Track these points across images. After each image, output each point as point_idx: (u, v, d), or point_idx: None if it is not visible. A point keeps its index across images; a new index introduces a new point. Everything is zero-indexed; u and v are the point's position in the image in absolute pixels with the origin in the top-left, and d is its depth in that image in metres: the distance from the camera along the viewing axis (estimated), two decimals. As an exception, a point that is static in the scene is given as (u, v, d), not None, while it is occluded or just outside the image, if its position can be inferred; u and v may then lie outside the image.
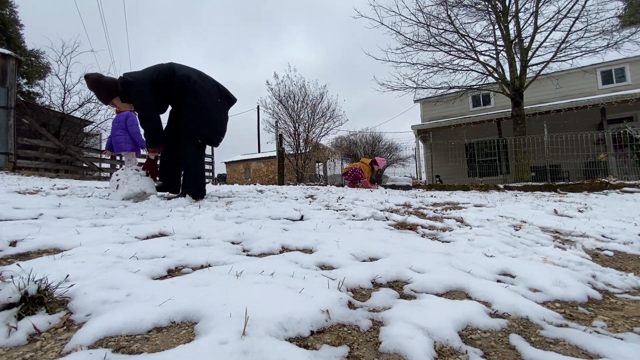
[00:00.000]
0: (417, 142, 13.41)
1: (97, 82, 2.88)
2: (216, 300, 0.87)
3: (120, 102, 2.95)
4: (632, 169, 9.34)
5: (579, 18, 7.88)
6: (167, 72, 2.92)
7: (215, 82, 3.18)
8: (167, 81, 2.91)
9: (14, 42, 13.03)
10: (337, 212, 2.70)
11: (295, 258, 1.37)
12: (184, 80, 2.91)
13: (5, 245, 1.27)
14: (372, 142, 19.10)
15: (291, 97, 14.99)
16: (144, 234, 1.63)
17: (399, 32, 9.07)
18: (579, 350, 0.78)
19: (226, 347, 0.65)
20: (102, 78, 2.92)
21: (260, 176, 20.89)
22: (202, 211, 2.38)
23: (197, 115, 2.93)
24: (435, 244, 1.75)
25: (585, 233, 2.19)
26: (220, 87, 3.19)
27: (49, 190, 3.29)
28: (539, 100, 11.99)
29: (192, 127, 2.93)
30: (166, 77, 2.90)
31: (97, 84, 2.88)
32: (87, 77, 2.93)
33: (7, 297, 0.74)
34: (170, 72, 2.92)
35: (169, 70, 2.94)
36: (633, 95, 9.59)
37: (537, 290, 1.17)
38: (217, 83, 3.19)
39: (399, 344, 0.74)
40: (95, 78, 2.90)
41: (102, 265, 1.10)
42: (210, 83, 3.09)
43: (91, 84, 2.90)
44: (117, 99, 2.93)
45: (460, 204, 3.65)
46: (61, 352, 0.65)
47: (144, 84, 2.82)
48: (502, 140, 10.64)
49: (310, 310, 0.85)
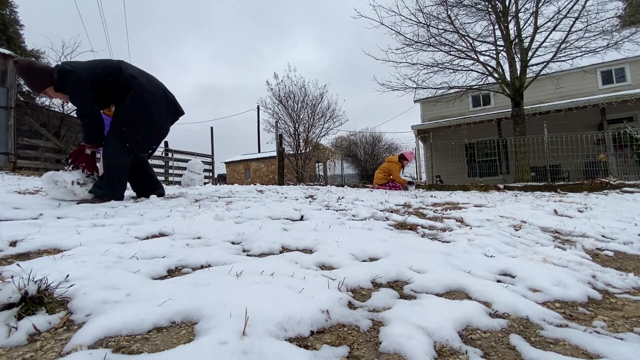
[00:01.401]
0: (417, 142, 13.41)
1: (29, 69, 2.59)
2: (216, 300, 0.87)
3: (54, 91, 2.66)
4: (632, 169, 9.34)
5: (579, 18, 7.88)
6: (113, 68, 2.73)
7: (165, 89, 3.03)
8: (110, 78, 2.71)
9: (14, 42, 13.03)
10: (337, 212, 2.70)
11: (295, 258, 1.37)
12: (128, 80, 2.74)
13: (5, 245, 1.27)
14: (372, 142, 19.11)
15: (291, 97, 15.02)
16: (144, 234, 1.63)
17: (399, 32, 9.07)
18: (579, 351, 0.78)
19: (226, 347, 0.66)
20: (34, 65, 2.65)
21: (260, 176, 20.89)
22: (202, 211, 2.38)
23: (133, 119, 2.76)
24: (435, 244, 1.75)
25: (585, 233, 2.19)
26: (169, 95, 3.04)
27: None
28: (539, 100, 12.00)
29: (124, 129, 2.75)
30: (111, 74, 2.71)
31: (29, 72, 2.58)
32: (16, 63, 2.65)
33: (7, 297, 0.74)
34: (117, 69, 2.74)
35: (116, 67, 2.75)
36: (633, 95, 9.59)
37: (537, 290, 1.17)
38: (166, 90, 3.04)
39: (399, 344, 0.74)
40: (26, 64, 2.61)
41: (102, 265, 1.10)
42: (158, 88, 2.94)
43: (21, 71, 2.60)
44: (50, 89, 2.64)
45: (460, 204, 3.65)
46: (61, 352, 0.65)
47: (84, 75, 2.60)
48: (502, 140, 10.64)
49: (310, 310, 0.85)
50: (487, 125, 12.14)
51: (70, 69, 2.58)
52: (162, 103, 2.93)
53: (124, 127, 2.76)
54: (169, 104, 3.03)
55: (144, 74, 2.92)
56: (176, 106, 3.12)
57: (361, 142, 19.25)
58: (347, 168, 18.29)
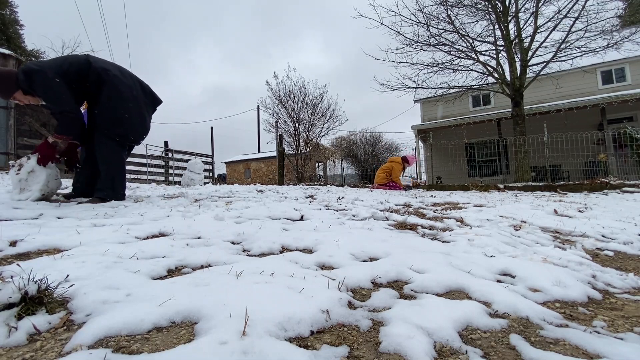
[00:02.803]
0: (417, 142, 13.41)
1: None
2: (216, 300, 0.87)
3: (23, 95, 2.51)
4: (632, 169, 9.34)
5: (579, 18, 7.88)
6: (80, 63, 2.59)
7: (139, 79, 2.93)
8: (79, 73, 2.58)
9: (14, 42, 13.03)
10: (337, 212, 2.70)
11: (295, 258, 1.37)
12: (99, 74, 2.61)
13: (5, 245, 1.27)
14: (372, 142, 19.11)
15: (291, 97, 15.02)
16: (144, 234, 1.63)
17: (399, 32, 9.07)
18: (579, 350, 0.78)
19: (226, 347, 0.66)
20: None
21: (260, 176, 20.89)
22: (202, 211, 2.38)
23: (116, 112, 2.66)
24: (435, 244, 1.75)
25: (585, 233, 2.19)
26: (144, 85, 2.95)
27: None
28: (539, 100, 12.00)
29: (110, 124, 2.66)
30: (79, 69, 2.57)
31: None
32: None
33: (7, 297, 0.74)
34: (85, 64, 2.60)
35: (84, 61, 2.61)
36: (633, 95, 9.59)
37: (537, 290, 1.17)
38: (140, 81, 2.95)
39: (399, 344, 0.74)
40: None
41: (102, 265, 1.10)
42: (132, 79, 2.84)
43: None
44: (19, 93, 2.49)
45: (460, 204, 3.65)
46: (61, 352, 0.65)
47: (52, 70, 2.47)
48: (502, 140, 10.64)
49: (310, 310, 0.85)
50: (487, 125, 12.14)
51: (36, 68, 2.44)
52: (138, 93, 2.84)
53: (108, 122, 2.66)
54: (146, 94, 2.94)
55: (115, 65, 2.81)
56: (153, 95, 3.02)
57: (361, 142, 19.26)
58: (347, 168, 18.31)
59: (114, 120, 2.67)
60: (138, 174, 11.39)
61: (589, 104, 10.20)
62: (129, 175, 10.27)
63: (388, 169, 6.98)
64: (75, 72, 2.57)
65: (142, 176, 11.38)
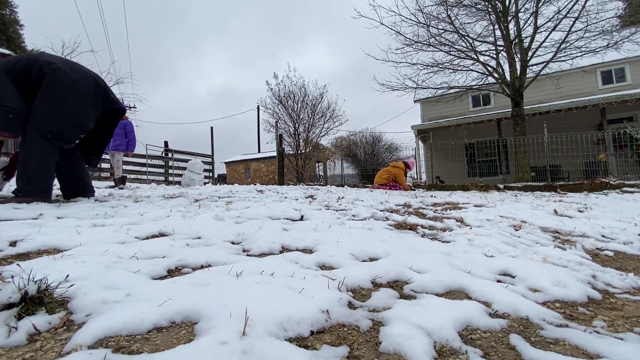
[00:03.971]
0: (417, 142, 13.40)
1: None
2: (216, 300, 0.87)
3: None
4: (632, 169, 9.34)
5: (579, 18, 7.88)
6: (28, 59, 2.50)
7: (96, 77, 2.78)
8: (26, 68, 2.46)
9: (14, 42, 13.04)
10: (337, 212, 2.70)
11: (295, 258, 1.37)
12: (41, 66, 2.48)
13: (5, 245, 1.27)
14: (372, 142, 19.10)
15: (291, 97, 14.99)
16: (144, 234, 1.63)
17: (399, 32, 9.07)
18: (579, 350, 0.78)
19: (226, 347, 0.66)
20: None
21: (260, 176, 20.89)
22: (202, 211, 2.38)
23: (51, 105, 2.49)
24: (435, 244, 1.75)
25: (585, 233, 2.19)
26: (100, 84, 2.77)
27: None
28: (539, 100, 11.99)
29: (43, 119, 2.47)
30: (26, 64, 2.47)
31: None
32: None
33: (7, 297, 0.74)
34: (32, 60, 2.51)
35: (32, 57, 2.52)
36: (633, 95, 9.58)
37: (537, 290, 1.17)
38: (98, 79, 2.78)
39: (399, 344, 0.74)
40: None
41: (102, 266, 1.10)
42: (84, 74, 2.68)
43: None
44: None
45: (460, 204, 3.65)
46: (61, 352, 0.65)
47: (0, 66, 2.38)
48: (502, 140, 10.64)
49: (310, 310, 0.85)
50: (487, 125, 12.14)
51: None
52: (85, 88, 2.65)
53: (41, 115, 2.48)
54: (98, 92, 2.76)
55: (65, 60, 2.70)
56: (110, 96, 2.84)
57: (361, 142, 19.25)
58: (347, 168, 18.29)
59: (46, 114, 2.50)
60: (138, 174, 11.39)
61: (589, 104, 10.19)
62: (129, 175, 10.27)
63: (391, 173, 7.01)
64: (23, 67, 2.48)
65: (142, 176, 11.38)
